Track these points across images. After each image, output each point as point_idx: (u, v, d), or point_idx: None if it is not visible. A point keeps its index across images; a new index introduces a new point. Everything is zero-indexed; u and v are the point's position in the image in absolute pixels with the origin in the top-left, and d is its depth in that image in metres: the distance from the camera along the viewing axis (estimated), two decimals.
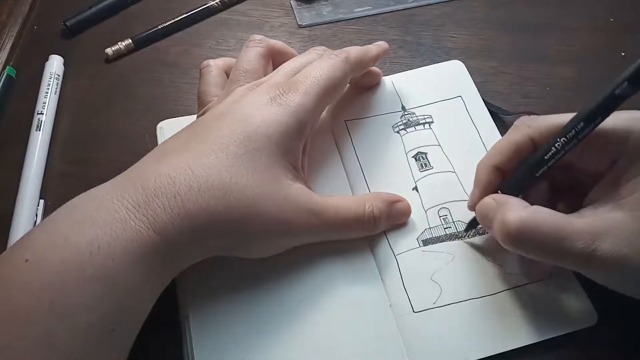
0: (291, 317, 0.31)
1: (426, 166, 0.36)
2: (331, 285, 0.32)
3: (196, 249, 0.28)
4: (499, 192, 0.31)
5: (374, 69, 0.39)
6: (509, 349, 0.30)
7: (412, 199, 0.35)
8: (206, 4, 0.48)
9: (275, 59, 0.36)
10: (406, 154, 0.37)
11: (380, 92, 0.40)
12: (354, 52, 0.35)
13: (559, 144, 0.28)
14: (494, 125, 0.38)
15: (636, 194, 0.27)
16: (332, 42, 0.46)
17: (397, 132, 0.38)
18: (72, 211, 0.27)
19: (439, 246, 0.33)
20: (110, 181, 0.28)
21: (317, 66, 0.33)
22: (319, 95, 0.31)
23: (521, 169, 0.31)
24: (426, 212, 0.35)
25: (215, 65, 0.36)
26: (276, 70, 0.34)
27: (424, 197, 0.35)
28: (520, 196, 0.30)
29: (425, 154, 0.37)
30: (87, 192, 0.27)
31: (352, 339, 0.30)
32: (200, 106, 0.35)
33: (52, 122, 0.41)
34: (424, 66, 0.42)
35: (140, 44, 0.45)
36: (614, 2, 0.47)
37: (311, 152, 0.35)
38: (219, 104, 0.32)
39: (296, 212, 0.30)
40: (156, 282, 0.28)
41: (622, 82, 0.26)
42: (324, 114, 0.37)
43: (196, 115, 0.34)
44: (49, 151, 0.40)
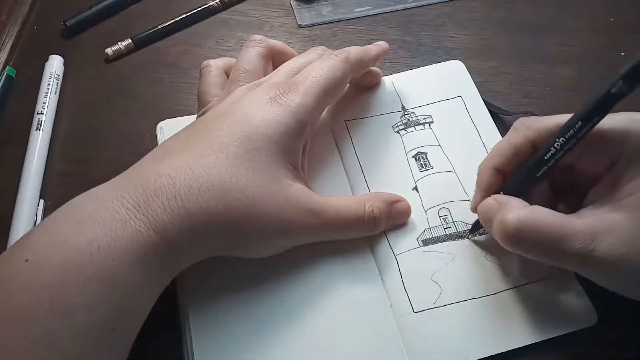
0: (291, 317, 0.30)
1: (426, 166, 0.36)
2: (331, 285, 0.32)
3: (196, 249, 0.28)
4: (500, 193, 0.31)
5: (374, 69, 0.39)
6: (509, 349, 0.30)
7: (412, 199, 0.35)
8: (206, 4, 0.48)
9: (275, 59, 0.36)
10: (406, 154, 0.37)
11: (380, 92, 0.40)
12: (354, 52, 0.35)
13: (557, 144, 0.29)
14: (494, 125, 0.38)
15: (635, 196, 0.27)
16: (332, 42, 0.46)
17: (397, 132, 0.38)
18: (72, 211, 0.27)
19: (439, 246, 0.33)
20: (110, 181, 0.28)
21: (317, 66, 0.33)
22: (319, 95, 0.31)
23: (521, 170, 0.31)
24: (426, 212, 0.35)
25: (215, 65, 0.36)
26: (276, 70, 0.34)
27: (424, 197, 0.35)
28: (521, 197, 0.30)
29: (425, 154, 0.37)
30: (87, 192, 0.27)
31: (352, 339, 0.30)
32: (200, 106, 0.35)
33: (52, 122, 0.41)
34: (424, 66, 0.42)
35: (140, 44, 0.45)
36: (614, 2, 0.47)
37: (311, 152, 0.35)
38: (219, 104, 0.32)
39: (296, 212, 0.30)
40: (156, 282, 0.28)
41: (618, 80, 0.26)
42: (324, 114, 0.37)
43: (196, 115, 0.34)
44: (49, 151, 0.40)
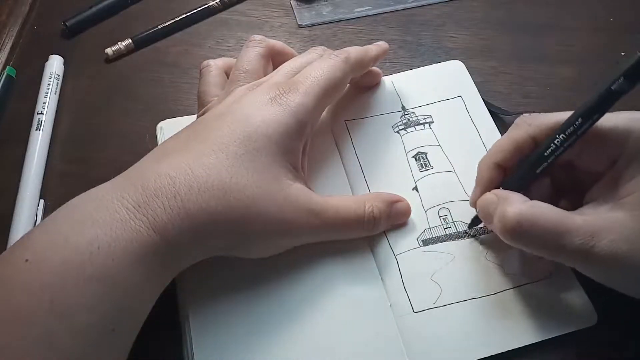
0: (291, 317, 0.30)
1: (426, 166, 0.36)
2: (331, 285, 0.32)
3: (196, 249, 0.28)
4: (500, 189, 0.31)
5: (374, 69, 0.39)
6: (508, 349, 0.30)
7: (412, 199, 0.35)
8: (206, 4, 0.48)
9: (275, 59, 0.36)
10: (406, 154, 0.37)
11: (380, 92, 0.40)
12: (354, 52, 0.35)
13: (558, 141, 0.29)
14: (494, 125, 0.38)
15: (636, 194, 0.27)
16: (332, 42, 0.46)
17: (397, 132, 0.38)
18: (72, 211, 0.27)
19: (439, 246, 0.33)
20: (110, 181, 0.28)
21: (317, 66, 0.33)
22: (319, 95, 0.31)
23: (522, 166, 0.31)
24: (426, 212, 0.35)
25: (215, 65, 0.36)
26: (276, 70, 0.34)
27: (424, 197, 0.35)
28: (522, 193, 0.30)
29: (425, 154, 0.37)
30: (87, 192, 0.27)
31: (352, 339, 0.30)
32: (200, 106, 0.35)
33: (52, 122, 0.41)
34: (424, 66, 0.42)
35: (140, 44, 0.45)
36: (614, 2, 0.47)
37: (311, 152, 0.35)
38: (219, 104, 0.32)
39: (296, 212, 0.30)
40: (156, 282, 0.28)
41: (619, 77, 0.26)
42: (324, 114, 0.37)
43: (196, 115, 0.34)
44: (49, 151, 0.40)
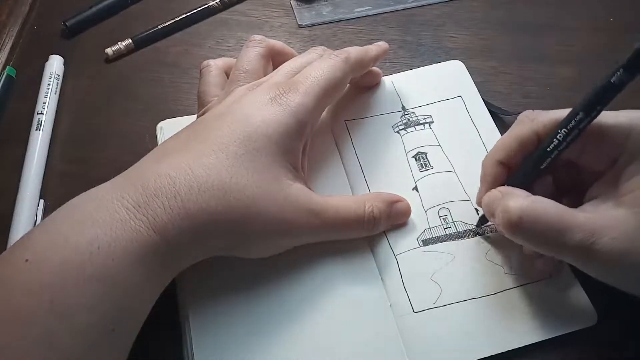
0: (291, 317, 0.30)
1: (426, 166, 0.36)
2: (331, 285, 0.32)
3: (196, 249, 0.28)
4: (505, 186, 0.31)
5: (374, 69, 0.39)
6: (509, 349, 0.30)
7: (412, 199, 0.35)
8: (206, 4, 0.48)
9: (275, 59, 0.36)
10: (406, 154, 0.37)
11: (380, 92, 0.40)
12: (354, 52, 0.35)
13: (560, 135, 0.29)
14: (494, 125, 0.38)
15: (636, 192, 0.27)
16: (332, 42, 0.46)
17: (397, 132, 0.38)
18: (72, 211, 0.27)
19: (439, 246, 0.33)
20: (110, 181, 0.28)
21: (317, 66, 0.33)
22: (319, 95, 0.31)
23: (526, 162, 0.31)
24: (426, 212, 0.35)
25: (215, 65, 0.36)
26: (276, 70, 0.34)
27: (424, 197, 0.35)
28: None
29: (425, 154, 0.37)
30: (87, 192, 0.27)
31: (352, 339, 0.30)
32: (200, 106, 0.35)
33: (52, 122, 0.41)
34: (424, 66, 0.42)
35: (140, 44, 0.45)
36: (614, 2, 0.47)
37: (311, 152, 0.35)
38: (219, 104, 0.32)
39: (296, 212, 0.30)
40: (156, 282, 0.28)
41: (618, 69, 0.26)
42: (324, 114, 0.37)
43: (196, 115, 0.34)
44: (49, 151, 0.40)
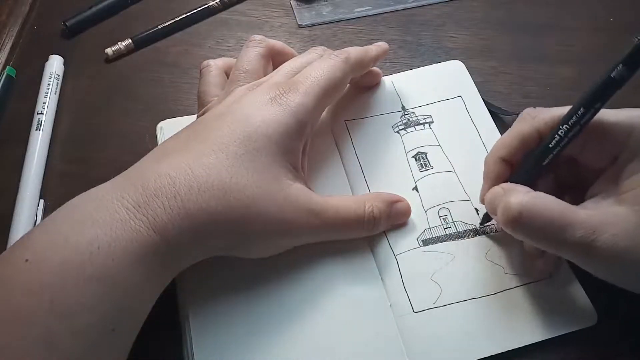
0: (291, 317, 0.30)
1: (426, 166, 0.36)
2: (331, 285, 0.32)
3: (196, 249, 0.28)
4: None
5: (374, 69, 0.39)
6: (509, 349, 0.30)
7: (412, 199, 0.35)
8: (206, 4, 0.48)
9: (275, 59, 0.36)
10: (406, 154, 0.37)
11: (380, 92, 0.40)
12: (354, 52, 0.35)
13: (561, 132, 0.29)
14: (494, 125, 0.38)
15: (637, 189, 0.27)
16: (332, 42, 0.46)
17: (397, 132, 0.38)
18: (72, 211, 0.27)
19: (439, 246, 0.33)
20: (110, 181, 0.28)
21: (317, 66, 0.33)
22: (319, 95, 0.31)
23: (528, 159, 0.31)
24: (426, 212, 0.35)
25: (215, 65, 0.36)
26: (276, 70, 0.34)
27: (424, 197, 0.35)
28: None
29: (425, 154, 0.37)
30: (87, 192, 0.27)
31: (352, 339, 0.30)
32: (200, 106, 0.35)
33: (52, 122, 0.41)
34: (424, 66, 0.42)
35: (140, 44, 0.45)
36: (614, 2, 0.47)
37: (311, 152, 0.35)
38: (219, 104, 0.32)
39: (296, 212, 0.30)
40: (156, 282, 0.28)
41: (618, 64, 0.27)
42: (324, 114, 0.37)
43: (196, 115, 0.34)
44: (49, 151, 0.40)
